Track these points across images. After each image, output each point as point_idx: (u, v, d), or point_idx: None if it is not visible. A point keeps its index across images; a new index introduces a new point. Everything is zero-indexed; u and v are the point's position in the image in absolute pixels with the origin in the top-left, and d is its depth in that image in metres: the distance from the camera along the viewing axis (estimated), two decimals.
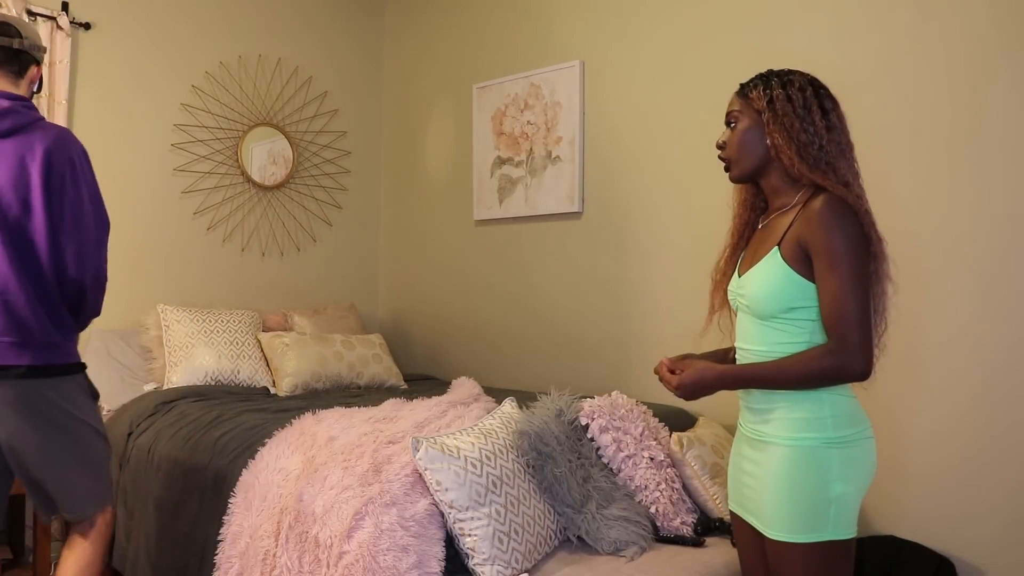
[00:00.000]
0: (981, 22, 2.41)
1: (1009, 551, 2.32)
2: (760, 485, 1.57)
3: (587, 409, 2.42)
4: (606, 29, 3.42)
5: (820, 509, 1.49)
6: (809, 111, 1.57)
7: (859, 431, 1.53)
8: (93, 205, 1.97)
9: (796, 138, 1.55)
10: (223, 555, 2.27)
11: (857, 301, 1.46)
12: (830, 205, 1.48)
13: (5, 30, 1.98)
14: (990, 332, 2.38)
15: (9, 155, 1.88)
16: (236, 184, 3.95)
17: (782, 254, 1.54)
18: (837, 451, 1.50)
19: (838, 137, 1.58)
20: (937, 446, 2.46)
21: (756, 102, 1.61)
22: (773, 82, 1.61)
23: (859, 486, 1.52)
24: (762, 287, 1.56)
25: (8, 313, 1.87)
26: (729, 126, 1.67)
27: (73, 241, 1.92)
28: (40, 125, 1.95)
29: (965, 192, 2.43)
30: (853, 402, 1.56)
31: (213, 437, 2.64)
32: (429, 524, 1.95)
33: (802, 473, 1.51)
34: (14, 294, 1.87)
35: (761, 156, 1.62)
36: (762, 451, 1.58)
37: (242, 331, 3.52)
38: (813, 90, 1.60)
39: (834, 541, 1.50)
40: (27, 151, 1.89)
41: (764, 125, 1.59)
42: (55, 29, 3.31)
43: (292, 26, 4.18)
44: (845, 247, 1.46)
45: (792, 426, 1.53)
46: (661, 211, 3.21)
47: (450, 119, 4.15)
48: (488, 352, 3.92)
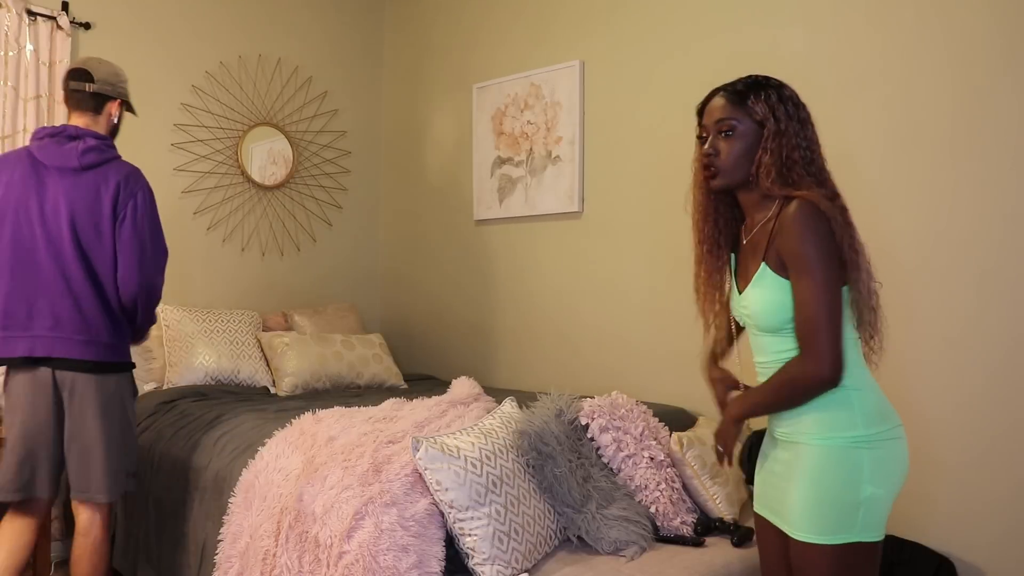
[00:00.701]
0: (981, 22, 2.41)
1: (1009, 551, 2.32)
2: (788, 485, 1.55)
3: (587, 409, 2.42)
4: (606, 29, 3.42)
5: (849, 510, 1.47)
6: (803, 127, 1.56)
7: (890, 428, 1.52)
8: (151, 235, 2.33)
9: (788, 156, 1.53)
10: (223, 555, 2.27)
11: (825, 307, 1.45)
12: (801, 211, 1.46)
13: (77, 75, 2.33)
14: (991, 332, 2.38)
15: (88, 185, 2.24)
16: (236, 184, 3.95)
17: (770, 267, 1.53)
18: (868, 452, 1.48)
19: (813, 140, 1.58)
20: (937, 446, 2.46)
21: (757, 112, 1.55)
22: (771, 92, 1.56)
23: (889, 489, 1.50)
24: (761, 303, 1.55)
25: (82, 317, 2.24)
26: (722, 134, 1.58)
27: (129, 263, 2.27)
28: (116, 163, 2.31)
29: (966, 192, 2.43)
30: (880, 397, 1.55)
31: (213, 437, 2.64)
32: (429, 524, 1.95)
33: (832, 473, 1.49)
34: (87, 302, 2.24)
35: (748, 170, 1.57)
36: (791, 451, 1.56)
37: (242, 331, 3.52)
38: (802, 105, 1.58)
39: (861, 543, 1.48)
40: (102, 183, 2.25)
41: (761, 138, 1.55)
42: (55, 29, 3.31)
43: (292, 26, 4.18)
44: (814, 253, 1.45)
45: (822, 425, 1.51)
46: (661, 211, 3.21)
47: (450, 119, 4.14)
48: (488, 352, 3.92)
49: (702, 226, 1.70)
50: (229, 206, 3.92)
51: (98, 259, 2.26)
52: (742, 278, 1.63)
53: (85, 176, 2.25)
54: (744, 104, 1.57)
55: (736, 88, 1.60)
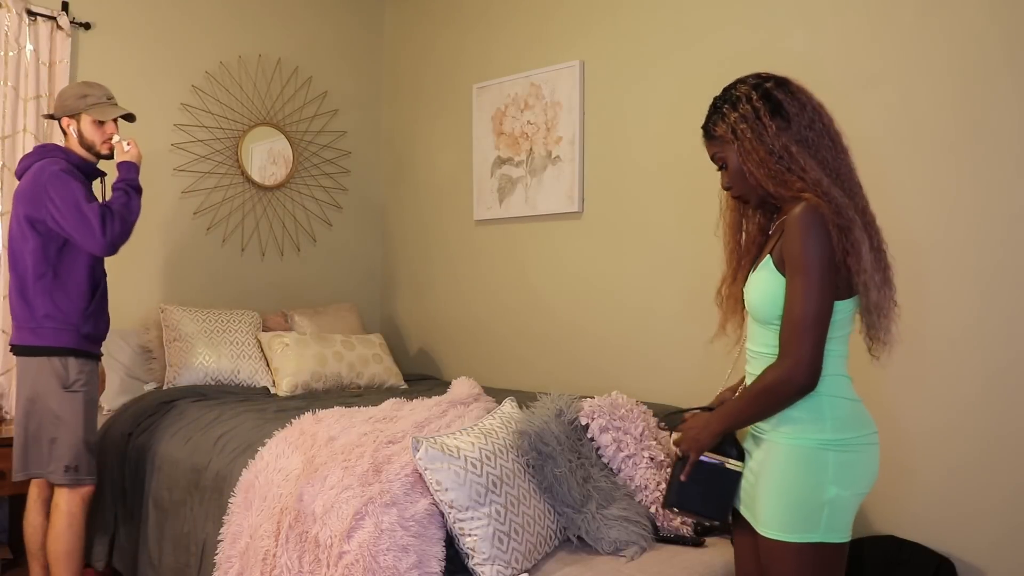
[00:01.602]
0: (981, 21, 2.41)
1: (1009, 551, 2.32)
2: (758, 481, 1.58)
3: (587, 409, 2.42)
4: (606, 29, 3.42)
5: (813, 510, 1.49)
6: (760, 119, 1.54)
7: (860, 435, 1.53)
8: (61, 199, 2.54)
9: (761, 158, 1.53)
10: (223, 555, 2.27)
11: (811, 311, 1.45)
12: (802, 214, 1.47)
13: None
14: (992, 333, 2.38)
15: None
16: (236, 184, 3.95)
17: (773, 262, 1.55)
18: (835, 454, 1.50)
19: (800, 132, 1.53)
20: (938, 446, 2.46)
21: (724, 136, 1.59)
22: (725, 109, 1.59)
23: (855, 491, 1.51)
24: (757, 294, 1.58)
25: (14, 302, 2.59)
26: (721, 169, 1.65)
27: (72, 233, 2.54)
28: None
29: (967, 192, 2.43)
30: (855, 406, 1.55)
31: (213, 437, 2.64)
32: (429, 524, 1.95)
33: (797, 472, 1.51)
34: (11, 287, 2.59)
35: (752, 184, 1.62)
36: (761, 448, 1.59)
37: (242, 331, 3.52)
38: (759, 94, 1.55)
39: (825, 543, 1.50)
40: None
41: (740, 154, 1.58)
42: (55, 29, 3.31)
43: (292, 26, 4.18)
44: (810, 257, 1.45)
45: (791, 425, 1.53)
46: (661, 211, 3.21)
47: (450, 119, 4.14)
48: (488, 352, 3.92)
49: (725, 226, 1.74)
50: (229, 206, 3.92)
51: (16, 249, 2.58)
52: (754, 267, 1.66)
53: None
54: (713, 135, 1.63)
55: (706, 122, 1.65)
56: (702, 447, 1.63)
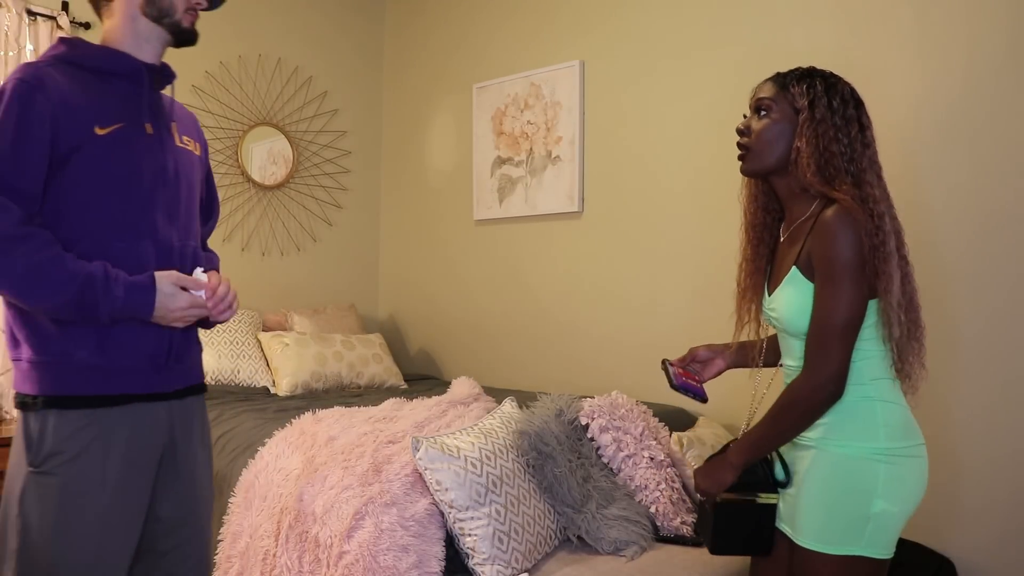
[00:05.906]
0: (982, 21, 2.41)
1: (1009, 552, 2.32)
2: (798, 490, 1.51)
3: (587, 409, 2.42)
4: (606, 29, 3.42)
5: (857, 523, 1.43)
6: (848, 124, 1.48)
7: (911, 445, 1.46)
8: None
9: (826, 148, 1.46)
10: (223, 555, 2.27)
11: (841, 319, 1.40)
12: (837, 217, 1.40)
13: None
14: (994, 334, 2.38)
15: None
16: (236, 184, 3.95)
17: (801, 271, 1.48)
18: (886, 466, 1.43)
19: (871, 155, 1.50)
20: (938, 447, 2.45)
21: (797, 99, 1.50)
22: (817, 82, 1.51)
23: (903, 507, 1.44)
24: (788, 308, 1.51)
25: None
26: (759, 113, 1.55)
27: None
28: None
29: (970, 193, 2.43)
30: (907, 412, 1.49)
31: (213, 437, 2.64)
32: (429, 524, 1.95)
33: (845, 482, 1.44)
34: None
35: (781, 155, 1.52)
36: (805, 455, 1.51)
37: (242, 331, 3.52)
38: (855, 103, 1.51)
39: (866, 558, 1.43)
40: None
41: (797, 125, 1.49)
42: (55, 29, 3.31)
43: (292, 26, 4.18)
44: (844, 263, 1.39)
45: (841, 432, 1.46)
46: (661, 211, 3.21)
47: (450, 119, 4.14)
48: (488, 352, 3.92)
49: (746, 215, 1.66)
50: (229, 206, 3.92)
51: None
52: (773, 280, 1.59)
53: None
54: (786, 88, 1.53)
55: (784, 73, 1.56)
56: (723, 485, 1.54)
